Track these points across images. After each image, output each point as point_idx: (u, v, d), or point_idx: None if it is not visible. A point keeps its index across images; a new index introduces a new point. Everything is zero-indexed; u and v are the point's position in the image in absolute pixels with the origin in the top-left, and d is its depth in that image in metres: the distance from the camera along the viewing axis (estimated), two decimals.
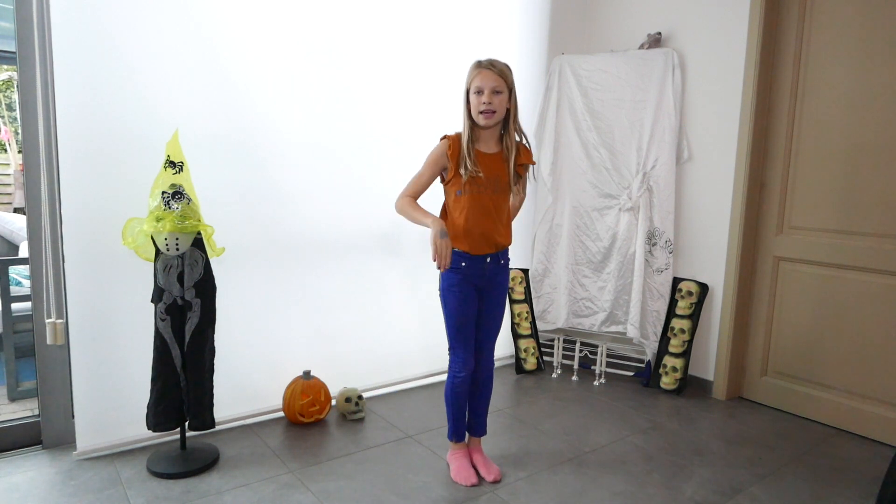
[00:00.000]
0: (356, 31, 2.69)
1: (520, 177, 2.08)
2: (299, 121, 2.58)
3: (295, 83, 2.55)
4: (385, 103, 2.81)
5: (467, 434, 2.26)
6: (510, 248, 2.15)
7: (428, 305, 3.05)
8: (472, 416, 2.23)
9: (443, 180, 2.06)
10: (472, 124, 1.99)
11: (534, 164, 2.16)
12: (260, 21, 2.43)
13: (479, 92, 1.93)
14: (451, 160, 1.99)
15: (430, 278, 3.05)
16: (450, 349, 2.12)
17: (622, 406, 2.90)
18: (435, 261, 1.93)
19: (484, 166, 1.98)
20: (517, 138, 2.04)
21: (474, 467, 2.20)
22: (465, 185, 1.97)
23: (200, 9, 2.28)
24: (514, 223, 3.39)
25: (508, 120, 2.00)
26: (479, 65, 1.95)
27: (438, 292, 2.09)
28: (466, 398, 2.17)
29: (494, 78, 1.92)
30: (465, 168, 1.95)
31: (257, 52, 2.43)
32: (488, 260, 2.04)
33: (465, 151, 1.96)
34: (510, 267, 2.21)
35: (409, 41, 2.86)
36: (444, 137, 2.04)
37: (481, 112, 1.93)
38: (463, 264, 2.02)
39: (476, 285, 2.06)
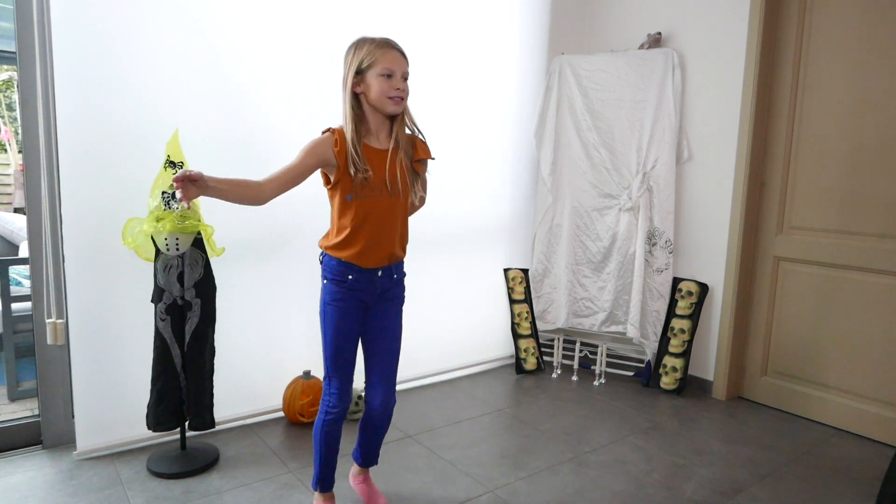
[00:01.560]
0: (356, 31, 2.68)
1: (418, 175, 1.78)
2: (300, 121, 2.57)
3: (295, 83, 2.55)
4: None
5: (356, 466, 2.00)
6: (405, 261, 1.87)
7: (428, 305, 3.05)
8: (364, 445, 1.93)
9: (326, 182, 1.73)
10: (359, 115, 1.67)
11: (433, 158, 1.80)
12: (260, 20, 2.43)
13: (388, 75, 1.62)
14: (339, 157, 1.64)
15: (430, 277, 3.05)
16: (325, 377, 1.80)
17: (622, 406, 2.90)
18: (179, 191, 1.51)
19: (376, 164, 1.67)
20: (409, 131, 1.74)
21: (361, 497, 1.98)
22: (357, 187, 1.65)
23: (200, 9, 2.28)
24: (513, 223, 3.43)
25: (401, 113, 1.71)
26: (387, 44, 1.64)
27: (319, 306, 1.80)
28: (339, 438, 1.80)
29: (403, 61, 1.65)
30: (355, 167, 1.63)
31: (257, 52, 2.43)
32: (380, 273, 1.75)
33: (353, 147, 1.63)
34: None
35: (410, 41, 2.85)
36: (328, 130, 1.70)
37: (390, 97, 1.63)
38: (350, 277, 1.71)
39: (363, 301, 1.76)
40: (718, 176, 2.98)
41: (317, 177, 2.70)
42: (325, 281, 1.78)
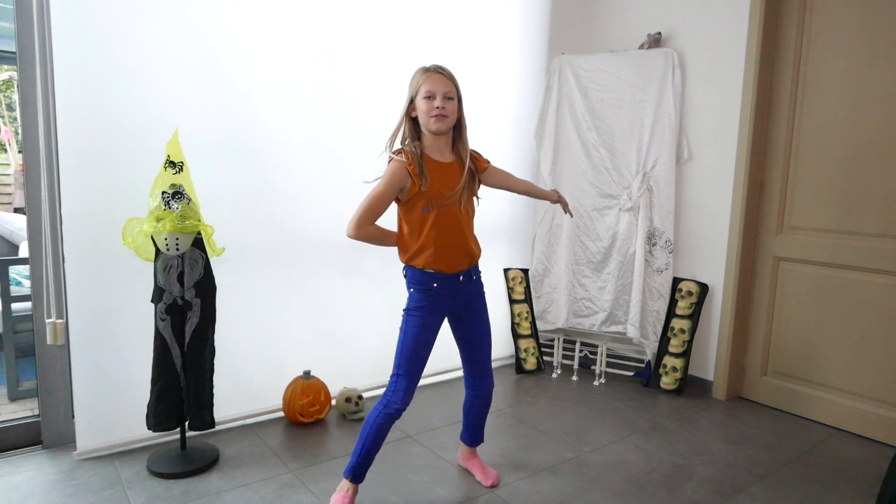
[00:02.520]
0: (356, 31, 2.69)
1: (480, 184, 1.98)
2: (299, 121, 2.58)
3: (295, 83, 2.55)
4: (385, 103, 2.81)
5: (464, 446, 2.21)
6: (480, 262, 2.02)
7: None
8: (471, 429, 2.16)
9: (398, 201, 1.87)
10: (418, 135, 1.86)
11: (486, 165, 2.01)
12: (260, 21, 2.42)
13: (430, 97, 1.79)
14: (413, 176, 1.80)
15: None
16: (392, 376, 1.88)
17: (622, 406, 2.90)
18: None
19: (442, 176, 1.84)
20: (462, 142, 1.91)
21: (471, 472, 2.18)
22: (431, 199, 1.82)
23: (201, 9, 2.28)
24: (513, 223, 3.43)
25: (459, 128, 1.89)
26: (427, 69, 1.82)
27: (402, 311, 1.92)
28: (385, 436, 1.90)
29: (445, 82, 1.81)
30: (424, 180, 1.80)
31: (257, 52, 2.43)
32: (461, 278, 1.91)
33: (420, 163, 1.81)
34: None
35: (410, 41, 2.86)
36: (395, 153, 1.85)
37: (433, 116, 1.80)
38: (434, 285, 1.86)
39: (447, 311, 1.94)
40: (718, 176, 2.98)
41: (311, 174, 2.70)
42: (411, 290, 1.92)
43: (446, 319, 1.99)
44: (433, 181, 1.81)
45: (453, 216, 1.86)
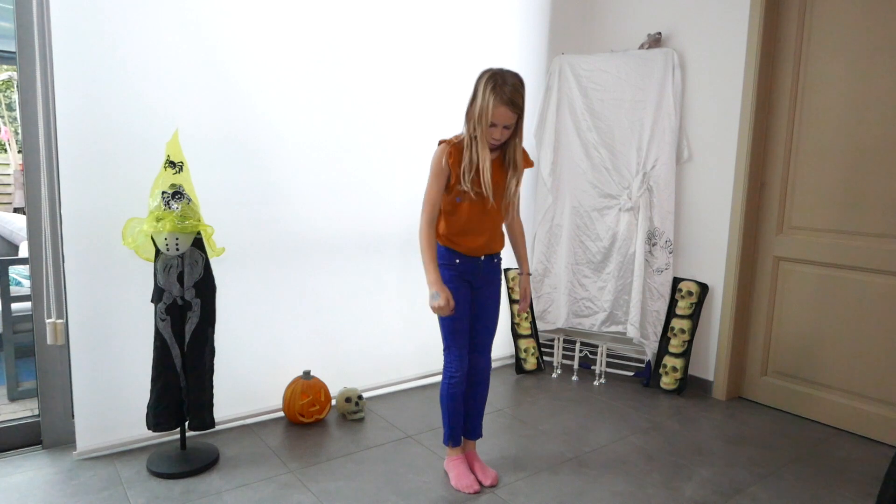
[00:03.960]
0: (356, 31, 2.69)
1: (516, 182, 2.04)
2: (299, 121, 2.58)
3: (295, 83, 2.54)
4: (385, 104, 2.82)
5: (463, 438, 2.21)
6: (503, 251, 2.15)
7: (428, 305, 3.05)
8: (467, 418, 2.18)
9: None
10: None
11: (532, 165, 2.13)
12: (260, 21, 2.42)
13: (493, 125, 1.87)
14: (453, 168, 1.94)
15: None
16: (445, 349, 2.09)
17: (622, 406, 2.90)
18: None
19: (482, 173, 1.93)
20: (520, 142, 1.99)
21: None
22: (464, 192, 1.95)
23: (201, 9, 2.28)
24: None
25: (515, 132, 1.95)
26: (502, 100, 1.84)
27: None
28: (463, 400, 2.11)
29: (510, 116, 1.87)
30: (466, 180, 1.91)
31: (257, 53, 2.43)
32: (482, 258, 2.06)
33: (469, 162, 1.92)
34: (502, 267, 2.20)
35: (410, 41, 2.86)
36: (442, 142, 1.99)
37: (490, 140, 1.91)
38: (457, 261, 2.03)
39: (469, 281, 2.06)
40: (718, 176, 2.98)
41: (311, 174, 2.70)
42: (440, 265, 2.03)
43: None
44: (468, 187, 1.92)
45: (482, 210, 1.98)
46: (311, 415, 2.55)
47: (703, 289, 3.04)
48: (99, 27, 2.09)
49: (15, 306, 2.95)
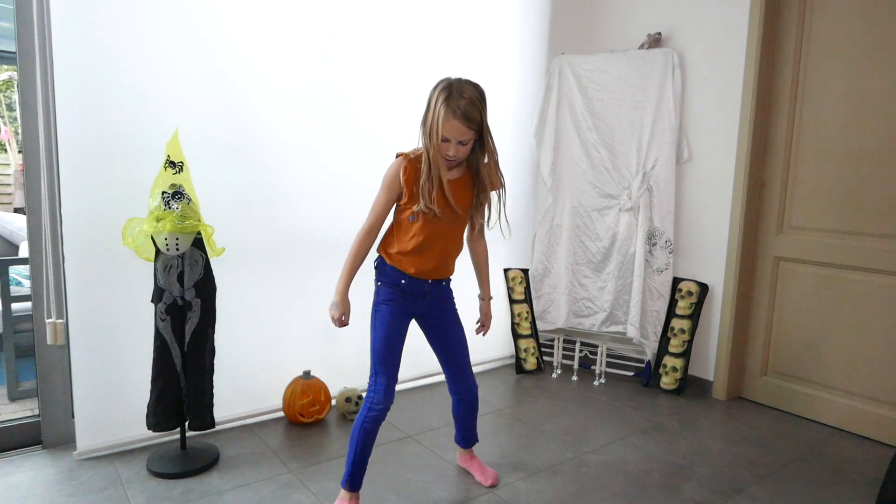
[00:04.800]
0: (356, 31, 2.69)
1: (481, 204, 1.89)
2: (299, 121, 2.58)
3: (295, 84, 2.54)
4: (385, 104, 2.81)
5: (461, 448, 2.22)
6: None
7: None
8: (462, 430, 2.16)
9: (397, 200, 1.86)
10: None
11: (500, 187, 1.92)
12: (260, 22, 2.42)
13: (445, 140, 1.72)
14: (406, 186, 1.79)
15: None
16: (371, 376, 1.87)
17: (622, 406, 2.90)
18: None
19: (440, 193, 1.78)
20: (485, 162, 1.83)
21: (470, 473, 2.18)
22: (419, 213, 1.78)
23: (200, 9, 2.28)
24: (513, 223, 3.40)
25: (476, 148, 1.81)
26: (454, 114, 1.69)
27: (371, 309, 1.93)
28: (374, 439, 1.87)
29: (465, 132, 1.71)
30: (423, 199, 1.75)
31: (257, 53, 2.43)
32: (429, 281, 1.90)
33: (427, 181, 1.75)
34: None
35: (410, 41, 2.86)
36: (399, 155, 1.83)
37: (444, 157, 1.76)
38: (402, 282, 1.87)
39: (414, 311, 1.92)
40: (718, 176, 2.98)
41: (311, 174, 2.70)
42: (378, 283, 1.93)
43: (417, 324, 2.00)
44: (425, 207, 1.77)
45: (439, 232, 1.83)
46: (311, 415, 2.55)
47: (703, 289, 3.04)
48: (99, 27, 2.09)
49: (15, 306, 2.95)
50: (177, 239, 2.02)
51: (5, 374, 2.91)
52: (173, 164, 2.04)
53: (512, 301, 3.36)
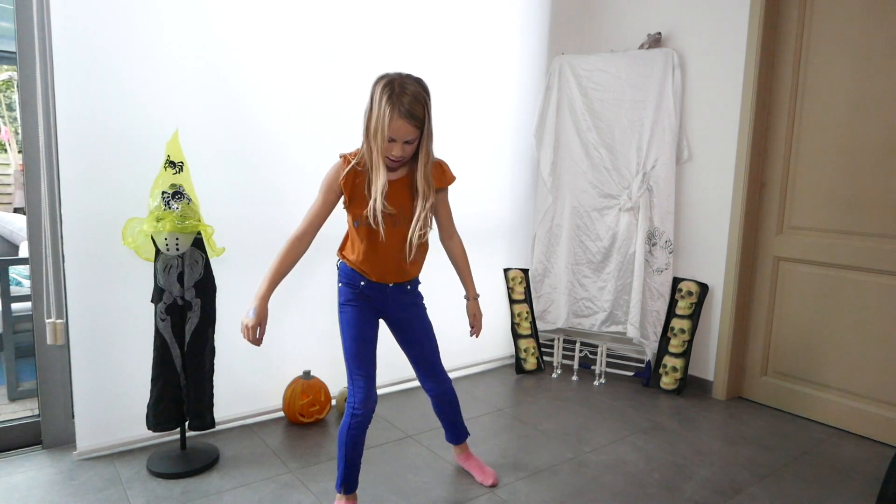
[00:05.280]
0: (356, 32, 2.69)
1: (431, 204, 1.78)
2: (298, 122, 2.58)
3: (295, 84, 2.54)
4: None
5: (454, 447, 2.21)
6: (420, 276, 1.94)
7: (428, 304, 3.04)
8: (449, 427, 2.15)
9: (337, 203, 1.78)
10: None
11: (452, 182, 1.84)
12: (260, 22, 2.42)
13: (391, 140, 1.64)
14: (344, 188, 1.72)
15: (429, 277, 3.04)
16: (348, 378, 1.83)
17: (622, 406, 2.90)
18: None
19: (391, 197, 1.70)
20: (426, 163, 1.72)
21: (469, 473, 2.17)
22: (360, 216, 1.72)
23: (200, 10, 2.28)
24: (513, 223, 3.43)
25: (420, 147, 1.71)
26: (399, 113, 1.61)
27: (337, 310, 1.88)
28: (363, 442, 1.83)
29: (410, 131, 1.64)
30: (358, 202, 1.71)
31: (257, 53, 2.43)
32: (391, 285, 1.84)
33: (368, 183, 1.68)
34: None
35: (410, 42, 2.86)
36: (342, 156, 1.76)
37: (388, 158, 1.68)
38: (362, 283, 1.81)
39: (378, 309, 1.86)
40: (718, 176, 2.98)
41: (310, 174, 2.69)
42: (340, 284, 1.88)
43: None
44: (367, 198, 1.68)
45: (386, 235, 1.72)
46: (311, 415, 2.55)
47: (703, 289, 3.04)
48: (99, 27, 2.09)
49: (15, 306, 2.95)
50: (177, 239, 2.02)
51: (5, 374, 2.91)
52: (173, 164, 2.04)
53: (512, 301, 3.36)
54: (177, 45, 2.24)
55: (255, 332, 1.70)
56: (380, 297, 1.84)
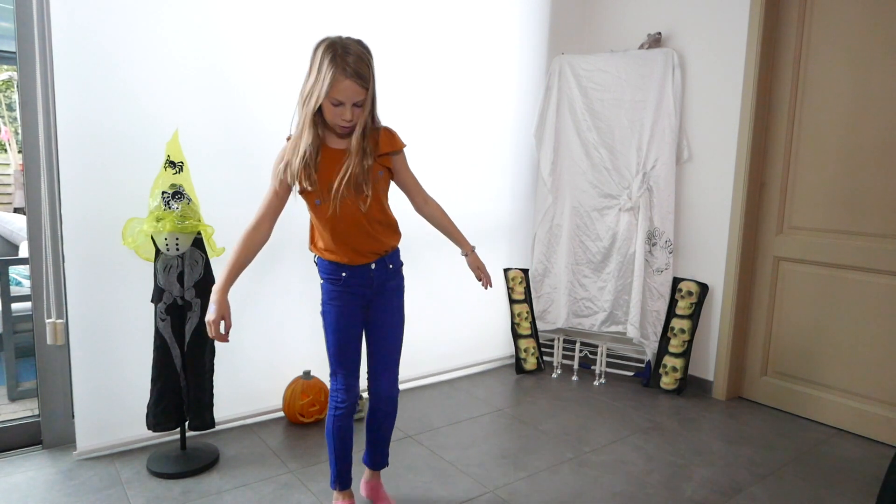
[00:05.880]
0: (355, 33, 2.68)
1: (388, 169, 1.73)
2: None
3: (294, 84, 2.53)
4: (384, 104, 2.80)
5: (367, 470, 1.98)
6: (399, 249, 1.85)
7: (428, 305, 3.05)
8: (371, 448, 1.93)
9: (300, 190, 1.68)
10: (319, 120, 1.62)
11: (402, 147, 1.75)
12: (259, 22, 2.42)
13: (339, 104, 1.57)
14: (284, 174, 1.65)
15: (430, 277, 3.05)
16: (330, 374, 1.79)
17: (622, 406, 2.90)
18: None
19: (333, 167, 1.63)
20: (361, 131, 1.63)
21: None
22: (322, 192, 1.64)
23: (200, 10, 2.28)
24: (513, 223, 3.43)
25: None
26: (345, 72, 1.53)
27: (320, 306, 1.81)
28: (351, 434, 1.79)
29: (358, 91, 1.56)
30: (311, 180, 1.62)
31: (256, 54, 2.43)
32: (373, 266, 1.75)
33: (307, 158, 1.61)
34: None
35: (410, 42, 2.86)
36: (288, 139, 1.70)
37: (339, 125, 1.61)
38: (344, 274, 1.73)
39: (362, 296, 1.77)
40: (718, 176, 2.98)
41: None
42: (321, 281, 1.81)
43: None
44: (322, 172, 1.62)
45: (347, 209, 1.65)
46: (311, 415, 2.55)
47: (703, 289, 3.04)
48: (99, 27, 2.09)
49: (15, 306, 2.95)
50: (177, 239, 2.02)
51: (5, 374, 2.91)
52: (173, 164, 2.05)
53: (512, 301, 3.36)
54: (177, 45, 2.24)
55: (219, 327, 1.64)
56: (365, 284, 1.75)
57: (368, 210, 1.68)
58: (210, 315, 1.64)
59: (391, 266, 1.80)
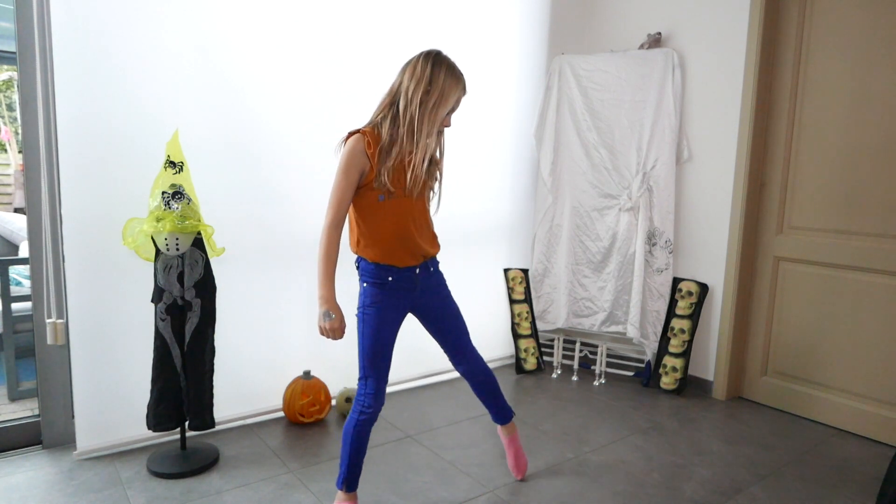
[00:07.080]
0: (355, 32, 2.69)
1: (436, 179, 1.86)
2: (298, 122, 2.58)
3: (294, 84, 2.55)
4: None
5: (499, 427, 2.14)
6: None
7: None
8: (490, 407, 2.09)
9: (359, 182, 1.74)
10: (396, 118, 1.72)
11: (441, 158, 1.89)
12: (259, 22, 2.42)
13: (452, 111, 1.78)
14: (373, 159, 1.68)
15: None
16: (360, 378, 1.80)
17: (622, 406, 2.90)
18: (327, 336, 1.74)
19: (403, 165, 1.72)
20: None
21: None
22: (387, 189, 1.69)
23: (199, 10, 2.28)
24: (513, 223, 3.43)
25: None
26: (461, 84, 1.76)
27: (356, 309, 1.81)
28: (368, 440, 1.82)
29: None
30: (388, 169, 1.68)
31: (256, 54, 2.43)
32: (418, 270, 1.80)
33: (385, 149, 1.68)
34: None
35: (410, 42, 2.85)
36: (355, 132, 1.73)
37: (444, 126, 1.80)
38: (390, 279, 1.76)
39: (407, 306, 1.83)
40: (718, 176, 2.98)
41: (310, 174, 2.69)
42: (364, 284, 1.80)
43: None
44: (393, 168, 1.70)
45: (407, 208, 1.74)
46: (311, 415, 2.55)
47: (703, 289, 3.04)
48: (99, 27, 2.09)
49: (15, 306, 2.95)
50: (177, 239, 2.02)
51: (5, 374, 2.91)
52: (173, 164, 2.05)
53: (512, 301, 3.36)
54: (177, 44, 2.24)
55: (342, 333, 1.74)
56: (409, 287, 1.79)
57: (421, 213, 1.80)
58: (332, 322, 1.71)
59: (432, 269, 1.88)
